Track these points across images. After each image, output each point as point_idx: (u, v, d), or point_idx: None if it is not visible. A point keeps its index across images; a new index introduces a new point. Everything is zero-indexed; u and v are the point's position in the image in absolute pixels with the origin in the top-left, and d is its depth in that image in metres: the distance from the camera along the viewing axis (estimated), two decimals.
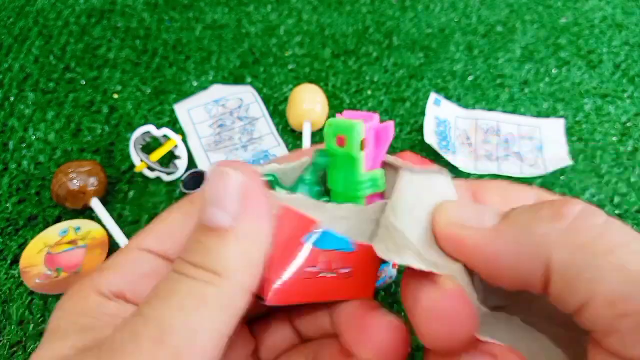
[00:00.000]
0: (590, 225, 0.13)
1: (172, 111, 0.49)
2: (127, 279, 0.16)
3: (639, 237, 0.13)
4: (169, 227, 0.17)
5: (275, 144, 0.46)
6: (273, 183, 0.18)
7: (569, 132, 0.48)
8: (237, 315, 0.15)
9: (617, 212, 0.42)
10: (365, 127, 0.17)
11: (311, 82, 0.49)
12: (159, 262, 0.17)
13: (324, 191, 0.18)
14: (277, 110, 0.49)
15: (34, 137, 0.47)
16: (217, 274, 0.14)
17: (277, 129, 0.47)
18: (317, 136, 0.47)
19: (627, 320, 0.12)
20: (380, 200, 0.17)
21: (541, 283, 0.14)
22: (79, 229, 0.40)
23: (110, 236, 0.39)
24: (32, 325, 0.35)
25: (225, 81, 0.52)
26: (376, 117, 0.18)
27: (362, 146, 0.17)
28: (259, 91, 0.50)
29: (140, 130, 0.43)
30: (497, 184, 0.17)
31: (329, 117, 0.48)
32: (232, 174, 0.15)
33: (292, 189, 0.18)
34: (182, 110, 0.49)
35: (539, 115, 0.49)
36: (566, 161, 0.45)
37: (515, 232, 0.14)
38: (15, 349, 0.34)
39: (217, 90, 0.50)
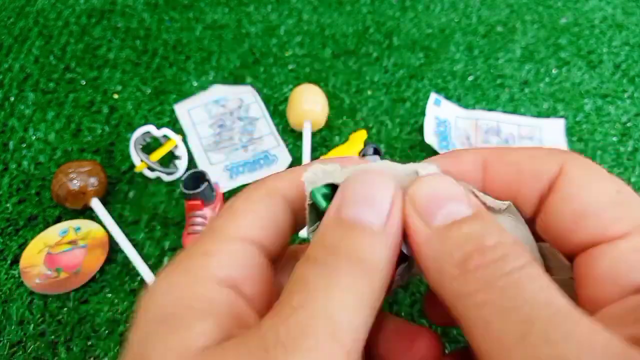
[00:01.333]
0: (475, 277, 0.14)
1: (172, 111, 0.49)
2: (236, 269, 0.15)
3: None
4: (260, 218, 0.16)
5: (275, 144, 0.46)
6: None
7: (569, 132, 0.48)
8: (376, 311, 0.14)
9: None
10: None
11: (311, 82, 0.49)
12: (261, 255, 0.16)
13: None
14: (277, 110, 0.49)
15: (34, 137, 0.47)
16: (369, 269, 0.14)
17: (277, 129, 0.47)
18: (317, 136, 0.47)
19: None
20: None
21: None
22: (79, 229, 0.40)
23: (110, 236, 0.39)
24: (32, 325, 0.35)
25: (225, 81, 0.52)
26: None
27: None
28: (259, 91, 0.50)
29: (140, 130, 0.43)
30: (515, 155, 0.17)
31: (329, 117, 0.48)
32: (382, 179, 0.15)
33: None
34: (182, 110, 0.49)
35: (539, 115, 0.49)
36: None
37: (435, 252, 0.15)
38: (15, 348, 0.34)
39: (217, 90, 0.50)
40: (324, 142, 0.46)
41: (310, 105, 0.45)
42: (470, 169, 0.18)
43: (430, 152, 0.45)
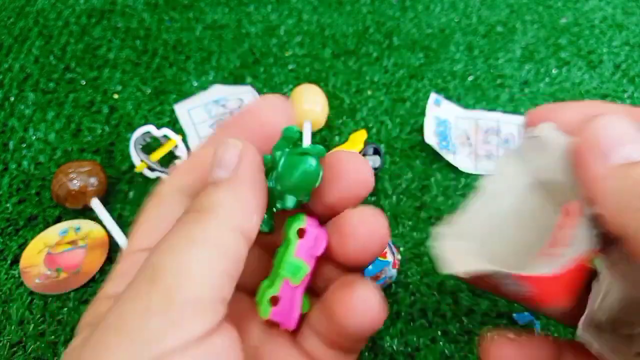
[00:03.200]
0: None
1: (172, 111, 0.49)
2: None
3: None
4: (157, 223, 0.18)
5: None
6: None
7: None
8: (233, 255, 0.15)
9: None
10: (307, 220, 0.19)
11: (311, 82, 0.49)
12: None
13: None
14: None
15: (34, 137, 0.47)
16: (204, 212, 0.16)
17: None
18: (317, 136, 0.47)
19: None
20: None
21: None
22: (79, 229, 0.40)
23: (110, 236, 0.39)
24: (32, 325, 0.35)
25: (225, 81, 0.52)
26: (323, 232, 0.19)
27: (300, 234, 0.19)
28: (259, 91, 0.50)
29: (140, 130, 0.43)
30: None
31: (329, 117, 0.48)
32: (231, 141, 0.17)
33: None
34: (182, 110, 0.49)
35: None
36: None
37: (615, 188, 0.15)
38: (15, 348, 0.34)
39: (217, 90, 0.50)
40: (324, 142, 0.46)
41: (310, 105, 0.45)
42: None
43: (430, 152, 0.45)
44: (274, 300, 0.19)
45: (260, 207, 0.17)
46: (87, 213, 0.41)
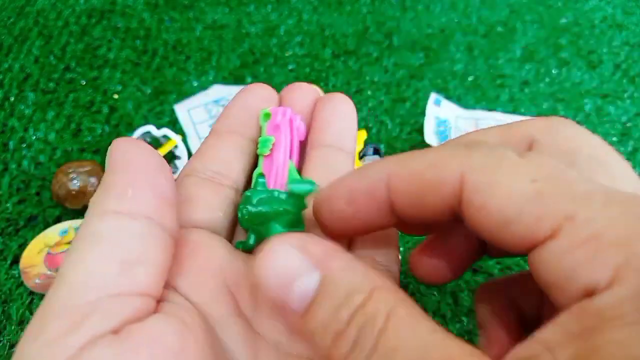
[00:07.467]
0: None
1: (172, 111, 0.49)
2: None
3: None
4: None
5: None
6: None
7: None
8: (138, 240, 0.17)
9: None
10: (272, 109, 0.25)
11: (311, 82, 0.49)
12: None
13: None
14: None
15: (34, 137, 0.47)
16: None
17: None
18: None
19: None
20: None
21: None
22: (79, 229, 0.40)
23: None
24: None
25: (225, 81, 0.52)
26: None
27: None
28: None
29: (140, 130, 0.43)
30: (416, 165, 0.17)
31: None
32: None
33: None
34: (182, 110, 0.49)
35: (539, 115, 0.49)
36: None
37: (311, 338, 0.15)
38: (15, 348, 0.34)
39: (217, 90, 0.50)
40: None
41: None
42: (375, 187, 0.17)
43: None
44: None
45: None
46: None
